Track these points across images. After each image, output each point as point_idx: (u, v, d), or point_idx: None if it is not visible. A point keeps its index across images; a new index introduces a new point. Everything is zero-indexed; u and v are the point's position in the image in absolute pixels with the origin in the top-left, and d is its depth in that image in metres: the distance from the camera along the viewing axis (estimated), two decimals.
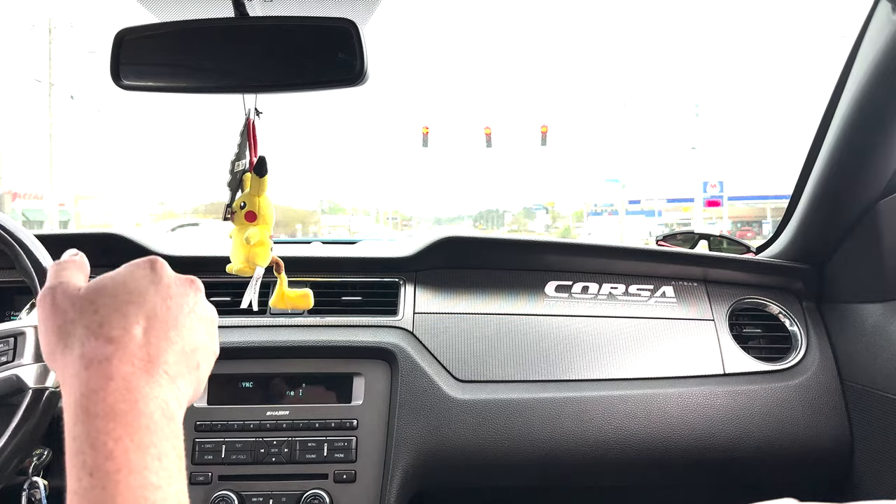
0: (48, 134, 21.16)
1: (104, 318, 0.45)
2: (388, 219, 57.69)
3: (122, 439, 0.40)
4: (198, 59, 0.87)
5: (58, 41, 21.32)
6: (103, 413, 0.41)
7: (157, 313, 0.48)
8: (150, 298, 0.48)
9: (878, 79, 1.15)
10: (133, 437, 0.41)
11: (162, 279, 0.50)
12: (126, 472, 0.40)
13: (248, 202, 0.91)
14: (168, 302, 0.49)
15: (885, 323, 1.24)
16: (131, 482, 0.39)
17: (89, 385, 0.42)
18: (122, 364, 0.43)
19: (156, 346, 0.46)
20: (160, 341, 0.46)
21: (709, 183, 28.83)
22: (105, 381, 0.42)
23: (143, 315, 0.47)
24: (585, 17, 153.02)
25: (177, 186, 53.67)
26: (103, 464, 0.40)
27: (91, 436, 0.40)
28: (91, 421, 0.41)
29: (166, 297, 0.49)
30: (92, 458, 0.40)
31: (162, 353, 0.46)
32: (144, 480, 0.40)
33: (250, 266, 0.91)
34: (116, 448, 0.40)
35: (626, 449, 1.25)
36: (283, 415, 1.20)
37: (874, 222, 1.27)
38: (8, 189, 21.79)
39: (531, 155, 54.00)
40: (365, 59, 0.81)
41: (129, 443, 0.41)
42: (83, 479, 0.40)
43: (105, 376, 0.42)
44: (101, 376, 0.42)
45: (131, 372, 0.43)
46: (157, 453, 0.42)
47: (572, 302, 1.39)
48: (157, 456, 0.42)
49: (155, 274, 0.50)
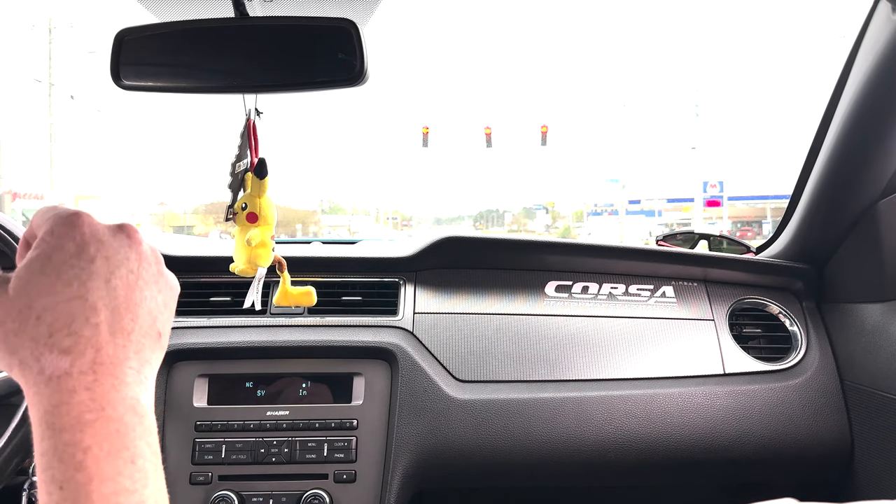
0: (48, 134, 21.17)
1: (51, 327, 0.40)
2: (388, 219, 57.71)
3: (92, 448, 0.38)
4: (198, 60, 0.87)
5: (58, 41, 21.33)
6: (69, 426, 0.39)
7: (105, 301, 0.42)
8: (91, 284, 0.42)
9: (878, 79, 1.15)
10: (103, 445, 0.39)
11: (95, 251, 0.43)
12: (98, 481, 0.38)
13: (250, 203, 0.91)
14: (113, 280, 0.43)
15: (885, 323, 1.24)
16: (104, 490, 0.38)
17: (51, 401, 0.39)
18: (82, 375, 0.40)
19: (115, 343, 0.42)
20: (118, 336, 0.42)
21: (709, 183, 28.84)
22: (68, 394, 0.39)
23: (90, 309, 0.42)
24: (586, 17, 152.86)
25: (177, 186, 53.64)
26: (73, 476, 0.38)
27: (59, 450, 0.38)
28: (57, 435, 0.38)
29: (108, 275, 0.43)
30: (61, 472, 0.38)
31: (123, 349, 0.42)
32: (118, 486, 0.38)
33: (252, 267, 0.92)
34: (86, 458, 0.38)
35: (625, 449, 1.25)
36: (283, 415, 1.20)
37: (874, 222, 1.27)
38: (8, 189, 21.79)
39: (531, 155, 54.05)
40: (365, 59, 0.81)
41: (98, 451, 0.38)
42: (53, 493, 0.38)
43: (67, 390, 0.39)
44: (63, 390, 0.39)
45: (94, 380, 0.40)
46: (129, 456, 0.39)
47: (572, 302, 1.39)
48: (129, 459, 0.39)
49: (85, 246, 0.43)
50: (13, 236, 1.00)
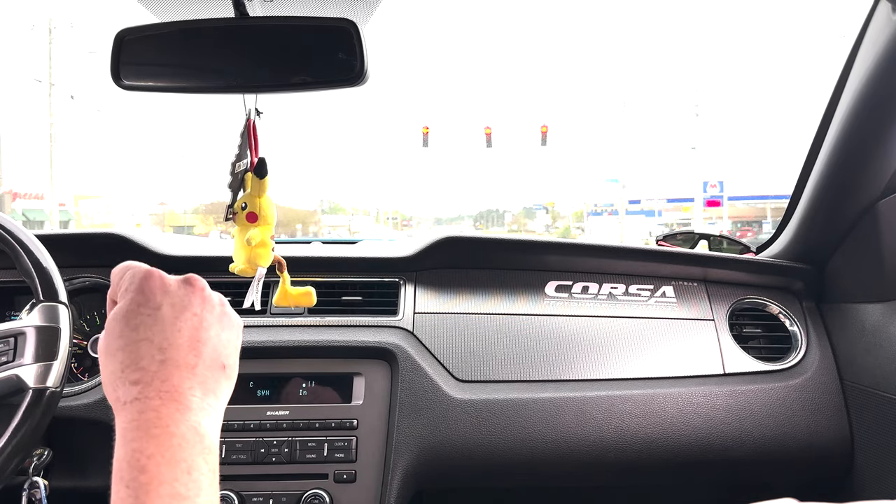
0: (48, 134, 21.17)
1: (123, 364, 0.50)
2: (388, 219, 57.73)
3: (154, 456, 0.45)
4: (198, 60, 0.87)
5: (58, 41, 21.33)
6: (138, 438, 0.46)
7: (169, 342, 0.51)
8: (157, 328, 0.51)
9: (878, 79, 1.15)
10: (164, 454, 0.46)
11: (161, 300, 0.52)
12: (157, 483, 0.44)
13: (250, 203, 0.91)
14: (178, 323, 0.52)
15: (885, 323, 1.24)
16: (161, 492, 0.44)
17: (127, 418, 0.48)
18: (149, 400, 0.48)
19: (178, 376, 0.50)
20: (182, 369, 0.50)
21: (709, 183, 28.84)
22: (138, 414, 0.48)
23: (156, 348, 0.50)
24: (586, 17, 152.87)
25: (177, 186, 53.64)
26: (137, 476, 0.45)
27: (128, 456, 0.46)
28: (128, 444, 0.46)
29: (174, 319, 0.52)
30: (128, 474, 0.45)
31: (185, 381, 0.50)
32: (173, 490, 0.45)
33: (252, 267, 0.91)
34: (149, 463, 0.45)
35: (625, 449, 1.25)
36: (284, 415, 1.20)
37: (874, 222, 1.27)
38: (8, 189, 21.78)
39: (531, 155, 54.04)
40: (365, 59, 0.81)
41: (160, 459, 0.45)
42: (120, 490, 0.45)
43: (138, 411, 0.48)
44: (135, 411, 0.48)
45: (160, 404, 0.48)
46: (186, 467, 0.46)
47: (572, 302, 1.39)
48: (186, 470, 0.46)
49: (152, 296, 0.52)
50: (13, 236, 1.00)
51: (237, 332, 0.57)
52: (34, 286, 0.98)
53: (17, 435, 0.89)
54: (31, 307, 0.98)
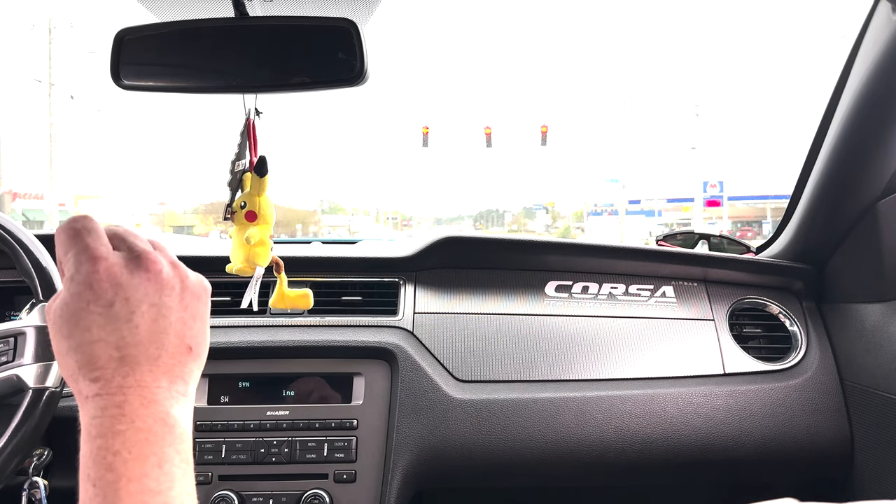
0: (48, 134, 21.17)
1: (79, 364, 0.46)
2: (388, 219, 57.72)
3: (121, 452, 0.43)
4: (198, 60, 0.87)
5: (58, 41, 21.33)
6: (102, 434, 0.44)
7: (125, 341, 0.46)
8: (110, 327, 0.46)
9: (878, 79, 1.15)
10: (131, 450, 0.43)
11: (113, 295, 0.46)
12: (125, 480, 0.42)
13: (249, 202, 0.91)
14: (135, 318, 0.47)
15: (885, 323, 1.24)
16: (131, 489, 0.42)
17: (90, 413, 0.45)
18: (111, 396, 0.45)
19: (140, 370, 0.46)
20: (143, 364, 0.46)
21: (709, 183, 28.84)
22: (100, 410, 0.44)
23: (113, 347, 0.46)
24: (586, 17, 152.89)
25: (177, 186, 53.66)
26: (104, 475, 0.42)
27: (94, 453, 0.43)
28: (93, 441, 0.44)
29: (129, 314, 0.46)
30: (95, 472, 0.43)
31: (148, 374, 0.46)
32: (143, 486, 0.43)
33: (250, 266, 0.91)
34: (115, 460, 0.43)
35: (625, 449, 1.25)
36: (283, 415, 1.20)
37: (874, 222, 1.27)
38: (8, 189, 21.79)
39: (531, 155, 54.05)
40: (365, 59, 0.81)
41: (126, 455, 0.43)
42: (88, 489, 0.43)
43: (100, 407, 0.45)
44: (97, 407, 0.45)
45: (123, 400, 0.45)
46: (156, 461, 0.44)
47: (572, 302, 1.39)
48: (156, 463, 0.44)
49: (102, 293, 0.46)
50: (13, 236, 1.00)
51: (203, 302, 0.52)
52: (34, 286, 0.98)
53: (17, 435, 0.89)
54: (31, 307, 0.98)
